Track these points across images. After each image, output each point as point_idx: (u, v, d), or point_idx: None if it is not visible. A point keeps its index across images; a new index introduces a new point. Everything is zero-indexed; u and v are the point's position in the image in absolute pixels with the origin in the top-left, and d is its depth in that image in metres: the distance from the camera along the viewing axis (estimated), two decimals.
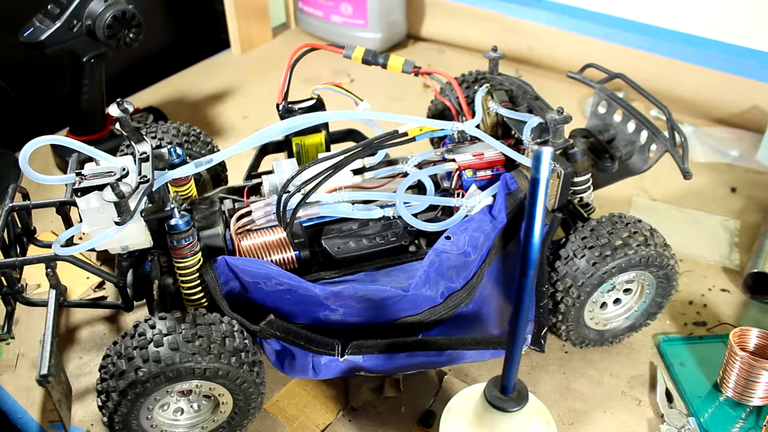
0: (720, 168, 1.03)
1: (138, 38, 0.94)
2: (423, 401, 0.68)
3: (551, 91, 1.16)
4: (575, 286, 0.65)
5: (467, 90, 0.82)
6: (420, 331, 0.65)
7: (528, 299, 0.46)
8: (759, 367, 0.64)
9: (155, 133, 0.78)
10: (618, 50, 1.18)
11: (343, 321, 0.63)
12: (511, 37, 1.28)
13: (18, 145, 0.60)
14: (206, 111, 1.19)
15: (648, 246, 0.64)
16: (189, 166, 0.63)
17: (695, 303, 0.79)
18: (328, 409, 0.67)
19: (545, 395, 0.68)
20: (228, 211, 0.67)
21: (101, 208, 0.59)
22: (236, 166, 0.85)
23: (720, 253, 0.86)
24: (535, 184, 0.41)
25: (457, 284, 0.65)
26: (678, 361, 0.71)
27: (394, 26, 1.37)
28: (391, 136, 0.65)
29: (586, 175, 0.69)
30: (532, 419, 0.54)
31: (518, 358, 0.49)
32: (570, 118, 0.64)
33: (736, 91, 1.10)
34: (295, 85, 0.73)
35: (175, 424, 0.61)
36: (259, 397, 0.60)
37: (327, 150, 0.78)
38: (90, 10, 0.89)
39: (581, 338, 0.71)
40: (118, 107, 0.62)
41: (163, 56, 1.33)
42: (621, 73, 0.73)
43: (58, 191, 0.71)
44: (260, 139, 0.64)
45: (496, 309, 0.68)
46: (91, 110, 0.97)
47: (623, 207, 0.93)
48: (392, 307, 0.63)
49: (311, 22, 1.42)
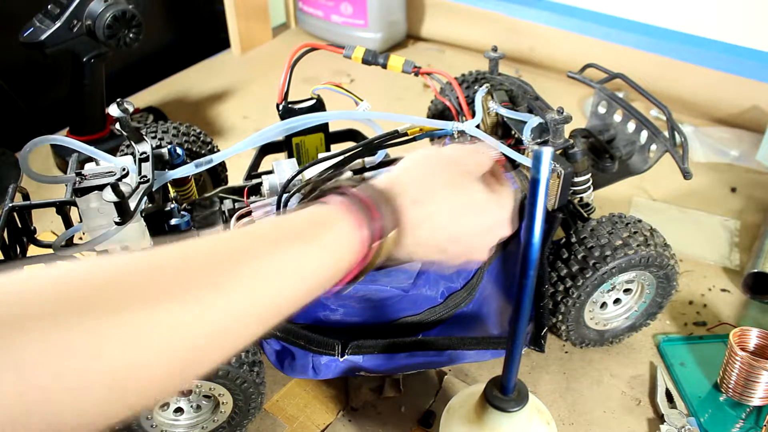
0: (720, 168, 1.03)
1: (138, 38, 0.94)
2: (423, 401, 0.68)
3: (551, 91, 1.16)
4: (575, 286, 0.65)
5: (467, 90, 0.82)
6: (420, 331, 0.65)
7: (528, 299, 0.46)
8: (759, 367, 0.64)
9: (155, 133, 0.78)
10: (618, 50, 1.18)
11: (343, 321, 0.63)
12: (511, 37, 1.28)
13: (18, 145, 0.60)
14: (206, 111, 1.19)
15: (648, 246, 0.64)
16: (189, 166, 0.63)
17: (695, 303, 0.79)
18: (328, 409, 0.67)
19: (545, 395, 0.68)
20: (228, 211, 0.67)
21: (101, 208, 0.59)
22: (236, 166, 0.85)
23: (720, 253, 0.86)
24: (535, 184, 0.42)
25: (458, 284, 0.65)
26: (678, 361, 0.71)
27: (394, 26, 1.37)
28: (391, 136, 0.65)
29: (586, 175, 0.69)
30: (532, 419, 0.54)
31: (518, 358, 0.49)
32: (570, 118, 0.64)
33: (736, 91, 1.10)
34: (295, 85, 0.73)
35: (175, 424, 0.61)
36: (259, 397, 0.61)
37: (327, 150, 0.78)
38: (90, 10, 0.89)
39: (581, 338, 0.71)
40: (118, 107, 0.62)
41: (163, 56, 1.33)
42: (621, 73, 0.73)
43: (58, 191, 0.71)
44: (260, 139, 0.64)
45: (496, 309, 0.68)
46: (91, 110, 0.97)
47: (623, 207, 0.93)
48: (392, 307, 0.63)
49: (311, 22, 1.42)
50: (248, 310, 0.36)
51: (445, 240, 0.49)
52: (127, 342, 0.30)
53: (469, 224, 0.49)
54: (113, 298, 0.30)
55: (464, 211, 0.49)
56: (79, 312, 0.29)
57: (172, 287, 0.33)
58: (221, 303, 0.34)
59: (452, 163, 0.51)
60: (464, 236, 0.50)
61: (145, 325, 0.30)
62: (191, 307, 0.33)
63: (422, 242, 0.48)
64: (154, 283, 0.32)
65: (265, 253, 0.38)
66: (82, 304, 0.29)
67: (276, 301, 0.38)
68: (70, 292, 0.30)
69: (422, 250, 0.49)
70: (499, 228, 0.52)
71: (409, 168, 0.50)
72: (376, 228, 0.44)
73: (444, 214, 0.48)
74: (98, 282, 0.31)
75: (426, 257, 0.50)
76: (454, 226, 0.49)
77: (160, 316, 0.31)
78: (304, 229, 0.41)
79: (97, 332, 0.29)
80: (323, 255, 0.41)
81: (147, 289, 0.32)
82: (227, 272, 0.35)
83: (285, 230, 0.41)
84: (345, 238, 0.43)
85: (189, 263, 0.35)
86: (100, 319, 0.29)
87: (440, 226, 0.48)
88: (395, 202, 0.46)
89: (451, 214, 0.48)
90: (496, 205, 0.51)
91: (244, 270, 0.36)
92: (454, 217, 0.49)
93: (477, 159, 0.53)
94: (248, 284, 0.36)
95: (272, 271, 0.38)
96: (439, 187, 0.49)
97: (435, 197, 0.48)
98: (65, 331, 0.28)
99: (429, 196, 0.48)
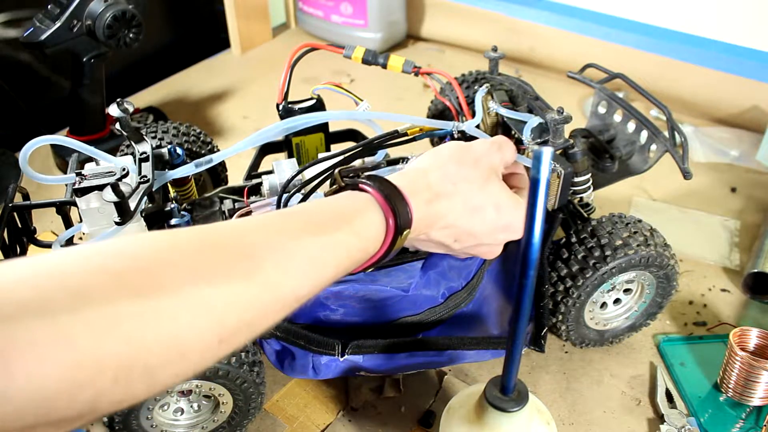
0: (720, 168, 1.03)
1: (138, 38, 0.94)
2: (423, 401, 0.68)
3: (551, 91, 1.16)
4: (575, 286, 0.65)
5: (467, 90, 0.82)
6: (420, 331, 0.65)
7: (528, 299, 0.46)
8: (759, 367, 0.64)
9: (155, 133, 0.78)
10: (618, 50, 1.18)
11: (343, 321, 0.63)
12: (511, 37, 1.28)
13: (18, 145, 0.60)
14: (206, 111, 1.18)
15: (648, 246, 0.64)
16: (189, 166, 0.63)
17: (695, 303, 0.79)
18: (328, 409, 0.67)
19: (545, 395, 0.68)
20: (228, 211, 0.67)
21: (101, 208, 0.59)
22: (236, 166, 0.85)
23: (720, 253, 0.86)
24: (535, 184, 0.41)
25: (458, 284, 0.65)
26: (678, 361, 0.71)
27: (394, 26, 1.37)
28: (391, 136, 0.65)
29: (586, 175, 0.69)
30: (532, 419, 0.54)
31: (518, 358, 0.49)
32: (570, 118, 0.64)
33: (736, 91, 1.10)
34: (295, 85, 0.73)
35: (175, 424, 0.61)
36: (259, 397, 0.61)
37: (327, 150, 0.78)
38: (90, 10, 0.89)
39: (581, 338, 0.71)
40: (118, 107, 0.62)
41: (163, 56, 1.33)
42: (621, 73, 0.73)
43: (58, 191, 0.71)
44: (260, 139, 0.63)
45: (496, 309, 0.68)
46: (91, 110, 0.97)
47: (623, 207, 0.93)
48: (392, 307, 0.63)
49: (311, 22, 1.42)
50: (284, 290, 0.38)
51: (460, 233, 0.52)
52: (171, 319, 0.31)
53: (485, 221, 0.52)
54: (159, 279, 0.32)
55: (481, 208, 0.52)
56: (131, 293, 0.31)
57: (214, 268, 0.35)
58: (260, 281, 0.36)
59: (478, 158, 0.54)
60: (478, 232, 0.52)
61: (186, 304, 0.32)
62: (234, 286, 0.35)
63: (440, 234, 0.51)
64: (196, 264, 0.34)
65: (303, 235, 0.40)
66: (133, 285, 0.31)
67: (308, 282, 0.40)
68: (119, 273, 0.31)
69: (437, 241, 0.52)
70: (513, 227, 0.54)
71: (436, 161, 0.53)
72: (403, 219, 0.46)
73: (462, 209, 0.51)
74: (144, 264, 0.33)
75: (439, 248, 0.54)
76: (470, 221, 0.51)
77: (199, 295, 0.33)
78: (337, 216, 0.44)
79: (147, 311, 0.31)
80: (354, 241, 0.43)
81: (189, 270, 0.34)
82: (262, 254, 0.37)
83: (321, 215, 0.43)
84: (374, 226, 0.45)
85: (238, 241, 0.37)
86: (149, 298, 0.31)
87: (457, 221, 0.51)
88: (420, 195, 0.49)
89: (469, 209, 0.51)
90: (513, 205, 0.54)
91: (278, 253, 0.38)
92: (471, 213, 0.51)
93: (502, 156, 0.56)
94: (284, 266, 0.38)
95: (307, 254, 0.39)
96: (461, 181, 0.51)
97: (456, 191, 0.51)
98: (116, 309, 0.30)
99: (451, 190, 0.51)
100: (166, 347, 0.31)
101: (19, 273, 0.29)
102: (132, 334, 0.30)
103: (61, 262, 0.31)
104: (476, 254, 0.56)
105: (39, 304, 0.28)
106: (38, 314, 0.27)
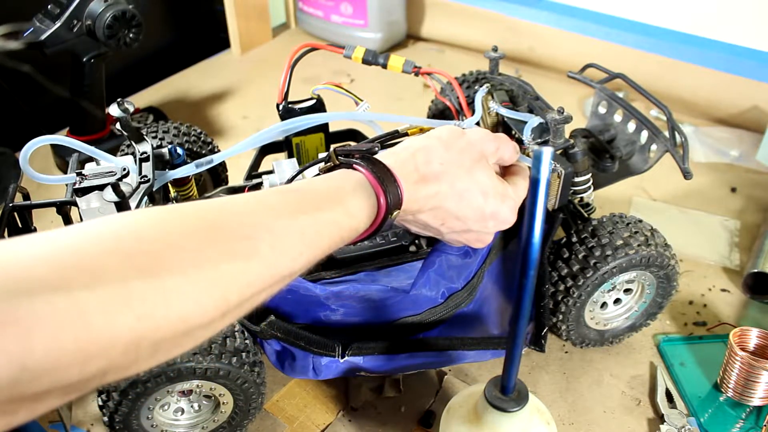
0: (720, 168, 1.03)
1: (138, 38, 0.94)
2: (423, 401, 0.68)
3: (551, 91, 1.15)
4: (576, 286, 0.65)
5: (467, 90, 0.82)
6: (420, 331, 0.65)
7: (528, 299, 0.46)
8: (759, 367, 0.64)
9: (156, 133, 0.78)
10: (618, 50, 1.18)
11: (343, 321, 0.63)
12: (511, 37, 1.28)
13: (18, 145, 0.60)
14: (206, 111, 1.18)
15: (649, 246, 0.64)
16: (190, 166, 0.63)
17: (695, 303, 0.79)
18: (328, 409, 0.67)
19: (545, 395, 0.68)
20: None
21: (102, 208, 0.59)
22: (236, 166, 0.85)
23: (720, 253, 0.86)
24: (536, 184, 0.41)
25: (458, 285, 0.65)
26: (678, 361, 0.71)
27: (394, 26, 1.37)
28: (391, 136, 0.65)
29: (587, 175, 0.69)
30: (532, 419, 0.54)
31: (518, 358, 0.49)
32: (570, 118, 0.64)
33: (736, 91, 1.10)
34: (295, 85, 0.73)
35: (175, 424, 0.61)
36: (259, 397, 0.61)
37: (327, 150, 0.78)
38: (90, 10, 0.89)
39: (581, 338, 0.71)
40: (118, 107, 0.62)
41: (163, 56, 1.33)
42: (621, 73, 0.73)
43: (58, 191, 0.71)
44: (260, 140, 0.64)
45: (497, 309, 0.68)
46: (91, 110, 0.97)
47: (623, 207, 0.93)
48: (393, 307, 0.63)
49: (311, 22, 1.42)
50: (280, 267, 0.40)
51: (446, 216, 0.53)
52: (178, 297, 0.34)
53: (471, 205, 0.53)
54: (166, 260, 0.34)
55: (467, 192, 0.53)
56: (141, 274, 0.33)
57: (216, 249, 0.37)
58: (258, 261, 0.38)
59: (469, 144, 0.55)
60: (464, 216, 0.54)
61: (191, 283, 0.35)
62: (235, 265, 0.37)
63: (427, 216, 0.53)
64: (200, 246, 0.36)
65: (298, 214, 0.42)
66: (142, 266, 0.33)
67: (302, 258, 0.42)
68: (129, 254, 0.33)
69: (423, 222, 0.54)
70: (501, 216, 0.55)
71: (427, 143, 0.54)
72: (394, 199, 0.49)
73: (448, 192, 0.52)
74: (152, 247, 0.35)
75: (428, 230, 0.56)
76: (457, 204, 0.53)
77: (203, 276, 0.35)
78: (331, 195, 0.46)
79: (156, 290, 0.33)
80: (346, 220, 0.46)
81: (193, 252, 0.36)
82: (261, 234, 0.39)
83: (316, 193, 0.46)
84: (366, 206, 0.47)
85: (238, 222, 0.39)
86: (157, 278, 0.33)
87: (443, 203, 0.52)
88: (410, 176, 0.50)
89: (456, 193, 0.52)
90: (500, 194, 0.54)
91: (275, 233, 0.40)
92: (458, 197, 0.52)
93: (498, 147, 0.57)
94: (280, 245, 0.40)
95: (302, 233, 0.42)
96: (449, 164, 0.52)
97: (444, 174, 0.52)
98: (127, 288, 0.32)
99: (439, 172, 0.52)
100: (174, 323, 0.33)
101: (36, 250, 0.31)
102: (142, 311, 0.32)
103: (75, 241, 0.33)
104: (465, 242, 0.57)
105: (57, 282, 0.30)
106: (56, 290, 0.29)
